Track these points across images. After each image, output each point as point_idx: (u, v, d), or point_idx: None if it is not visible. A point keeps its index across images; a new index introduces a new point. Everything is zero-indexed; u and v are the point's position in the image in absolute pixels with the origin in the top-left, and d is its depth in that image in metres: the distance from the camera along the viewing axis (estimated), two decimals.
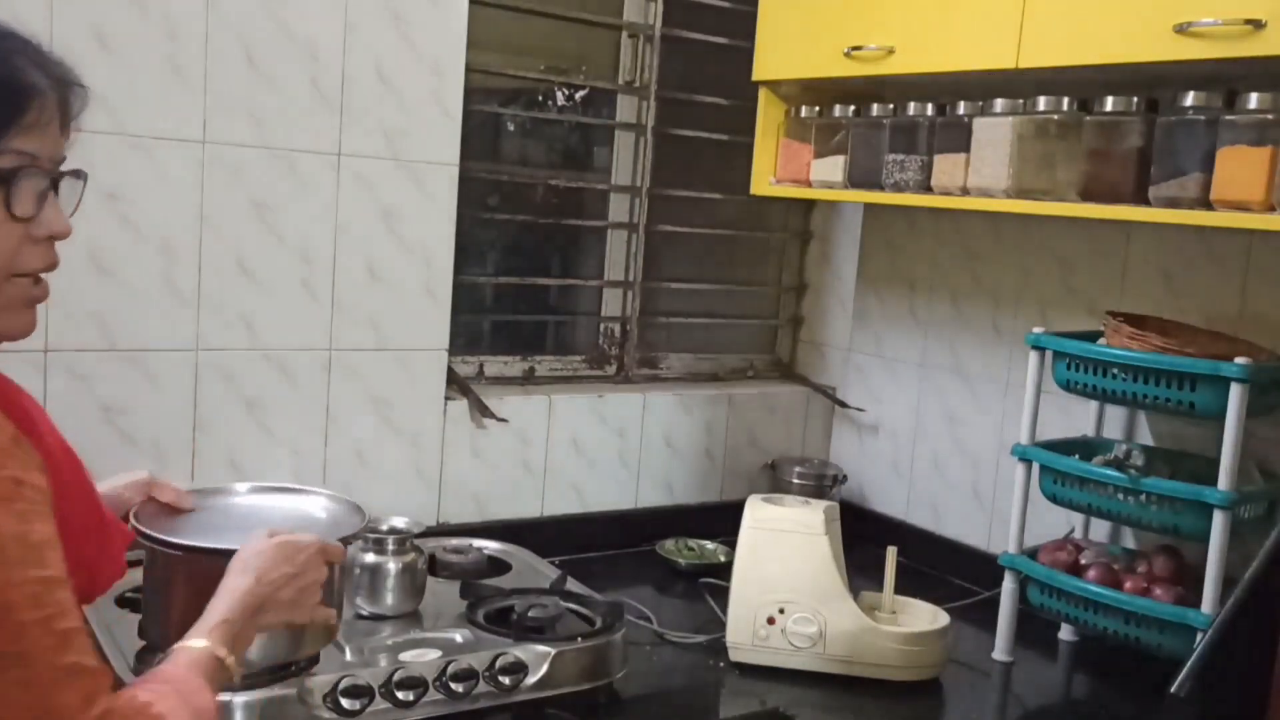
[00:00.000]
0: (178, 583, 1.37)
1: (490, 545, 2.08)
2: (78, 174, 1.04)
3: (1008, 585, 1.93)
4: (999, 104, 1.86)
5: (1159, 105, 1.71)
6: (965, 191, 1.91)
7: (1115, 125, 1.73)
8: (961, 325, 2.38)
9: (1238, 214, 1.55)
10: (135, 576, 1.39)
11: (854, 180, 2.12)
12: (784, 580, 1.82)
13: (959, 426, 2.39)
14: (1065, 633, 2.05)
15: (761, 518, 1.86)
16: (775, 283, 2.77)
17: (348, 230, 2.01)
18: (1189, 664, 1.43)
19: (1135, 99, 1.72)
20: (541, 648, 1.63)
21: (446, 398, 2.17)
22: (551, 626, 1.70)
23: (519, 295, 2.45)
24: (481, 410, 2.20)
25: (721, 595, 1.97)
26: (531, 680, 1.60)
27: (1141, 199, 1.68)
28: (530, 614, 1.70)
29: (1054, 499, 1.90)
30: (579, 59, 2.48)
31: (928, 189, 1.98)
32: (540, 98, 2.46)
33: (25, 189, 0.98)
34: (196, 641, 1.13)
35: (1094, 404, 2.03)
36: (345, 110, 1.99)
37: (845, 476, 2.53)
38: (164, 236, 1.86)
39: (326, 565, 1.33)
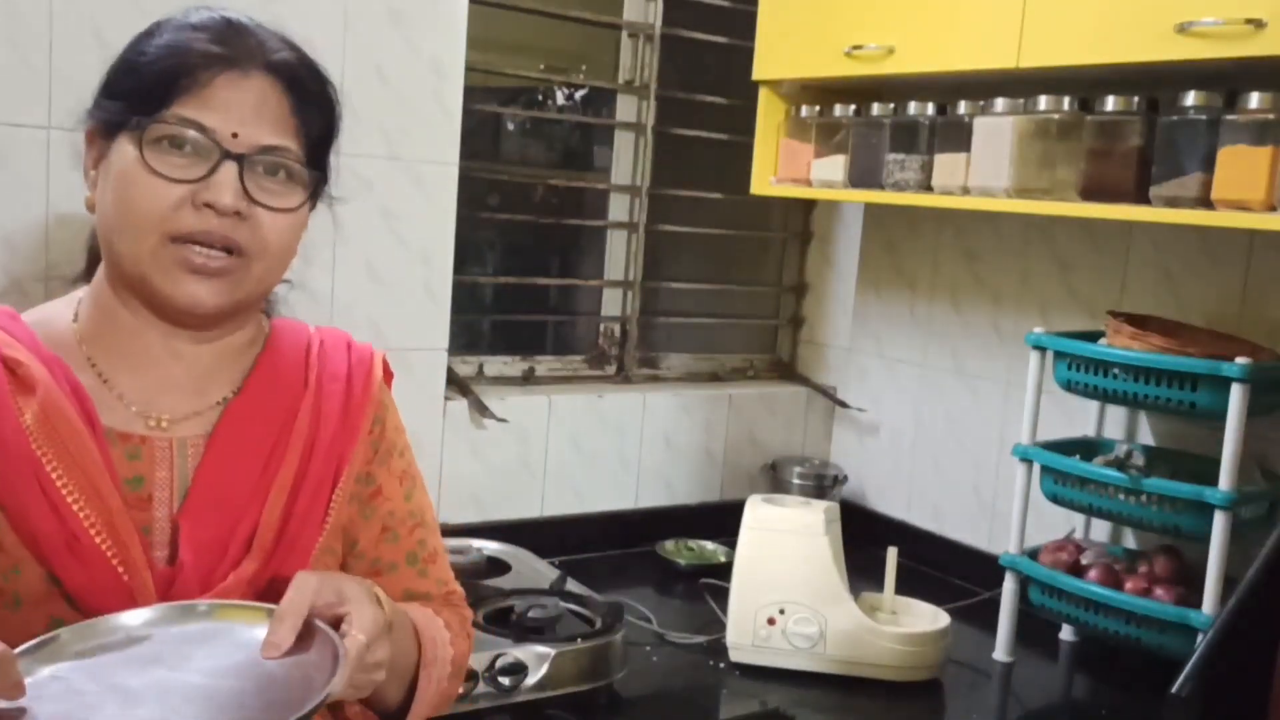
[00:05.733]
0: None
1: (490, 545, 2.08)
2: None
3: (1008, 586, 1.93)
4: (999, 103, 1.85)
5: (1160, 105, 1.70)
6: (966, 191, 1.90)
7: (1116, 125, 1.73)
8: (962, 325, 2.37)
9: (1238, 214, 1.55)
10: None
11: (854, 180, 2.12)
12: (784, 581, 1.82)
13: (959, 426, 2.38)
14: (1066, 633, 2.05)
15: (761, 518, 1.86)
16: (775, 283, 2.76)
17: (346, 230, 2.01)
18: (1190, 664, 1.43)
19: (1136, 98, 1.72)
20: (541, 648, 1.62)
21: (446, 398, 2.17)
22: (551, 627, 1.70)
23: (519, 295, 2.45)
24: (481, 410, 2.20)
25: (721, 595, 1.97)
26: (531, 681, 1.60)
27: (1142, 199, 1.68)
28: (530, 614, 1.70)
29: (1055, 499, 1.90)
30: (579, 58, 2.48)
31: (928, 189, 1.98)
32: (540, 97, 2.45)
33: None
34: None
35: (1095, 404, 2.03)
36: (345, 109, 1.98)
37: (845, 477, 2.52)
38: None
39: None
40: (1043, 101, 1.80)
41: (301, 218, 1.12)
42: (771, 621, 1.82)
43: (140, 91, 1.04)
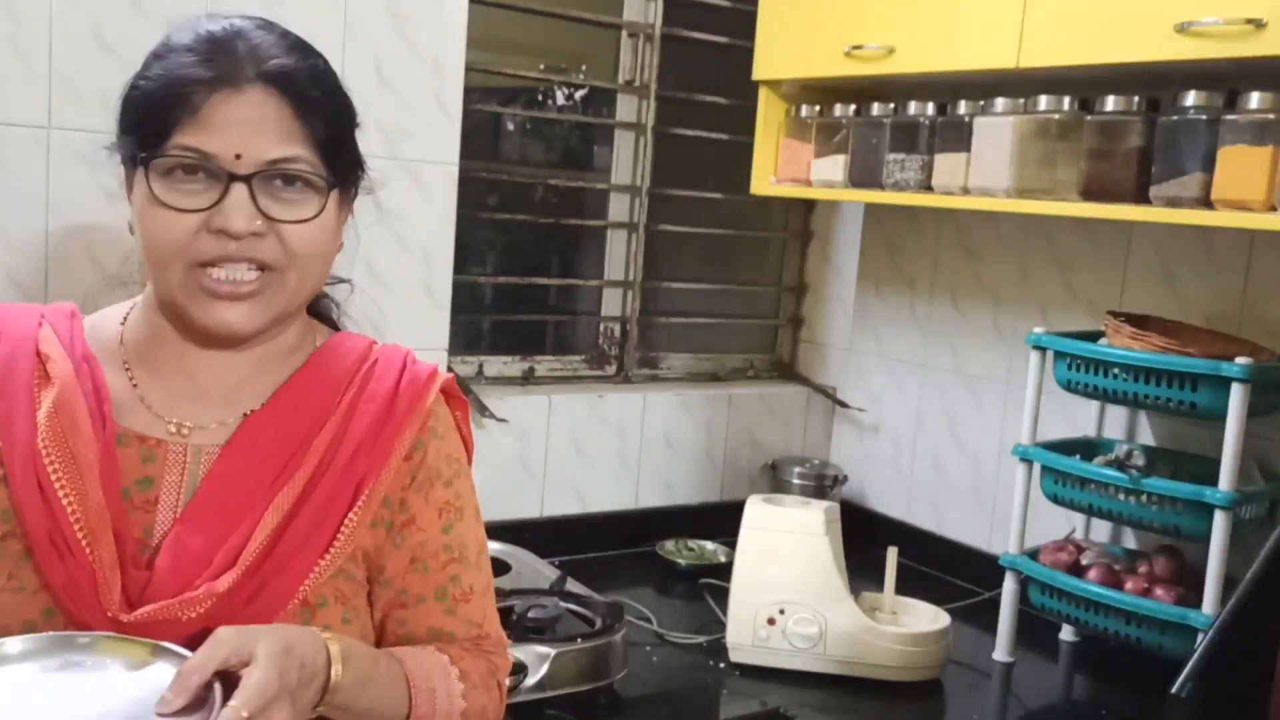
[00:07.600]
0: None
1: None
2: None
3: (1008, 586, 1.93)
4: (1000, 103, 1.85)
5: (1160, 105, 1.71)
6: (966, 191, 1.90)
7: (1116, 125, 1.73)
8: (962, 325, 2.37)
9: (1238, 214, 1.55)
10: None
11: (854, 180, 2.12)
12: (784, 581, 1.82)
13: (959, 426, 2.38)
14: (1066, 633, 2.05)
15: (761, 518, 1.86)
16: (775, 283, 2.76)
17: (346, 229, 2.00)
18: (1190, 664, 1.43)
19: (1136, 98, 1.72)
20: (541, 648, 1.62)
21: None
22: (551, 627, 1.70)
23: (519, 295, 2.45)
24: (481, 410, 2.20)
25: (721, 596, 1.97)
26: (531, 681, 1.60)
27: (1142, 199, 1.68)
28: (530, 615, 1.70)
29: (1055, 499, 1.90)
30: (579, 58, 2.48)
31: (928, 189, 1.98)
32: (540, 97, 2.45)
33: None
34: None
35: (1095, 404, 2.03)
36: None
37: (845, 477, 2.52)
38: None
39: None
40: (1043, 101, 1.81)
41: (327, 221, 1.12)
42: (771, 622, 1.82)
43: (143, 125, 1.05)
